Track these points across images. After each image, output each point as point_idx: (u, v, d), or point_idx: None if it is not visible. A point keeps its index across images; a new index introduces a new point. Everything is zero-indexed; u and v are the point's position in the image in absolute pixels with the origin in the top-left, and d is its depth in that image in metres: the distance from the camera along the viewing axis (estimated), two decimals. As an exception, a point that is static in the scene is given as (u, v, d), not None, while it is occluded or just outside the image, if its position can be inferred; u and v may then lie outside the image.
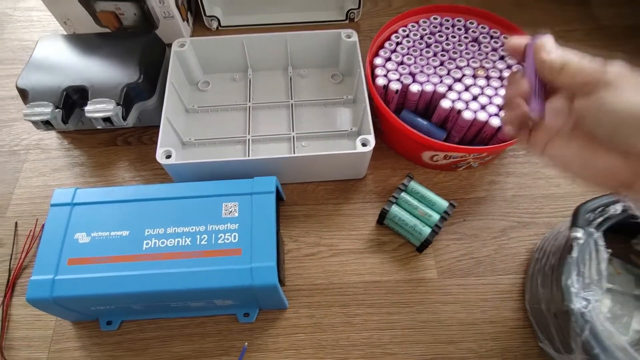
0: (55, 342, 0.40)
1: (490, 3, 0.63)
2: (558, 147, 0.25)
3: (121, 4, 0.51)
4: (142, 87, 0.46)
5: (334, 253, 0.44)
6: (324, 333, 0.40)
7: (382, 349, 0.39)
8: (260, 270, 0.35)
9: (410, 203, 0.42)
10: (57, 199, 0.39)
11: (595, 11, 0.61)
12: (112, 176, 0.49)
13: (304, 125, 0.50)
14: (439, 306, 0.41)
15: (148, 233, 0.37)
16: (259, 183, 0.40)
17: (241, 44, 0.51)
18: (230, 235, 0.37)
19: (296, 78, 0.54)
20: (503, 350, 0.39)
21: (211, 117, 0.51)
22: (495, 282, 0.42)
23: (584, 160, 0.24)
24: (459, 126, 0.44)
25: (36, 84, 0.45)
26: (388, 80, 0.46)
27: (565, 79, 0.24)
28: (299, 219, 0.46)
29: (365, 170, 0.47)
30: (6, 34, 0.61)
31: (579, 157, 0.24)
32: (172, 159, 0.42)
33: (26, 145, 0.51)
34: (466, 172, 0.48)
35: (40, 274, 0.35)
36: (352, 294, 0.42)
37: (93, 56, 0.47)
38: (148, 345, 0.39)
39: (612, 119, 0.22)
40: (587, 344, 0.32)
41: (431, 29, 0.49)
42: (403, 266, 0.43)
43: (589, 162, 0.24)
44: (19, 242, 0.45)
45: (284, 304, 0.40)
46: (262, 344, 0.39)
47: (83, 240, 0.37)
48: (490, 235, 0.45)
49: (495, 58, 0.47)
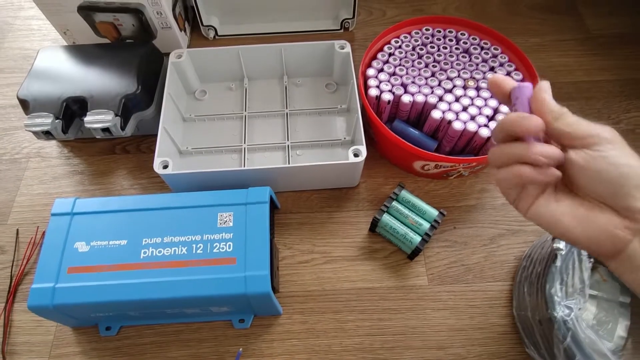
0: (55, 347, 0.41)
1: (483, 13, 0.64)
2: (545, 205, 0.25)
3: (120, 15, 0.52)
4: (140, 97, 0.47)
5: (327, 260, 0.45)
6: (317, 339, 0.41)
7: (374, 354, 0.40)
8: (254, 279, 0.36)
9: (401, 212, 0.44)
10: (58, 209, 0.40)
11: (586, 21, 0.62)
12: (111, 184, 0.50)
13: (298, 134, 0.51)
14: (429, 312, 0.42)
15: (145, 242, 0.38)
16: (254, 193, 0.41)
17: (237, 54, 0.52)
18: (225, 244, 0.38)
19: (291, 87, 0.55)
20: (491, 355, 0.40)
21: (208, 125, 0.52)
22: (484, 289, 0.43)
23: (577, 219, 0.24)
24: (449, 136, 0.45)
25: (37, 94, 0.46)
26: (380, 91, 0.47)
27: (562, 127, 0.23)
28: (293, 226, 0.47)
29: (358, 179, 0.49)
30: (7, 43, 0.62)
31: (571, 216, 0.24)
32: (169, 169, 0.43)
33: (27, 154, 0.52)
34: (457, 181, 0.49)
35: (41, 282, 0.36)
36: (344, 300, 0.43)
37: (92, 67, 0.48)
38: (146, 350, 0.40)
39: (616, 172, 0.22)
40: (569, 351, 0.33)
41: (423, 40, 0.50)
42: (394, 273, 0.44)
43: (584, 221, 0.23)
44: (20, 249, 0.46)
45: (278, 310, 0.41)
46: (256, 349, 0.40)
47: (82, 249, 0.38)
48: (480, 242, 0.46)
49: (485, 69, 0.48)
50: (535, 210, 0.25)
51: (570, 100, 0.55)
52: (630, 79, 0.57)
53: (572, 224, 0.24)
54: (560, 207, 0.24)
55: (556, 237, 0.26)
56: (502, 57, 0.49)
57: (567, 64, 0.58)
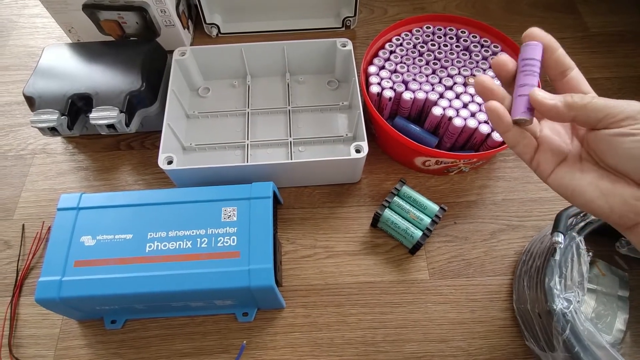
0: (61, 340, 0.41)
1: (483, 11, 0.65)
2: (569, 175, 0.25)
3: (124, 13, 0.53)
4: (144, 94, 0.47)
5: (329, 255, 0.45)
6: (320, 332, 0.41)
7: (375, 347, 0.41)
8: (258, 272, 0.37)
9: (402, 207, 0.44)
10: (64, 204, 0.41)
11: (585, 19, 0.63)
12: (115, 180, 0.51)
13: (301, 130, 0.52)
14: (430, 306, 0.43)
15: (151, 236, 0.39)
16: (257, 188, 0.41)
17: (240, 52, 0.53)
18: (229, 238, 0.39)
19: (294, 84, 0.56)
20: (491, 348, 0.41)
21: (211, 122, 0.53)
22: (484, 283, 0.44)
23: (601, 190, 0.24)
24: (450, 133, 0.46)
25: (42, 92, 0.46)
26: (382, 88, 0.47)
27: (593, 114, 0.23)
28: (295, 221, 0.47)
29: (360, 175, 0.49)
30: (12, 41, 0.63)
31: (595, 187, 0.24)
32: (173, 165, 0.43)
33: (32, 150, 0.53)
34: (458, 177, 0.50)
35: (48, 275, 0.37)
36: (346, 294, 0.43)
37: (97, 64, 0.49)
38: (150, 343, 0.41)
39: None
40: (568, 343, 0.33)
41: (424, 38, 0.51)
42: (396, 268, 0.45)
43: (608, 193, 0.24)
44: (26, 244, 0.46)
45: (281, 304, 0.42)
46: (260, 342, 0.41)
47: (89, 243, 0.39)
48: (480, 237, 0.46)
49: (485, 66, 0.48)
50: (559, 179, 0.25)
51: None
52: (629, 76, 0.57)
53: (596, 194, 0.24)
54: (586, 178, 0.24)
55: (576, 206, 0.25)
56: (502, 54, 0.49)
57: (567, 62, 0.58)
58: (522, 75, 0.25)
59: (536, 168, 0.26)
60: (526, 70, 0.25)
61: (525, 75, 0.25)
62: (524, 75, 0.25)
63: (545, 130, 0.27)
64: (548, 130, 0.27)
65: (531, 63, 0.25)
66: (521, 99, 0.25)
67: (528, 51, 0.25)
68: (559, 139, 0.27)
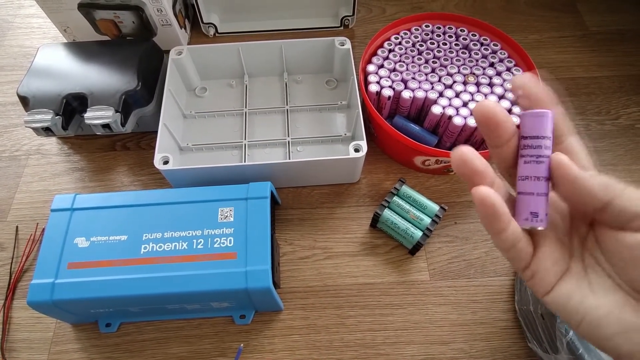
0: (55, 343, 0.40)
1: (482, 10, 0.64)
2: (577, 295, 0.18)
3: (120, 13, 0.52)
4: (140, 94, 0.47)
5: (328, 256, 0.45)
6: (318, 334, 0.41)
7: (375, 349, 0.40)
8: (255, 274, 0.36)
9: (402, 207, 0.44)
10: (57, 205, 0.40)
11: (585, 18, 0.63)
12: (111, 181, 0.50)
13: (299, 130, 0.51)
14: (430, 307, 0.42)
15: (146, 237, 0.38)
16: (254, 188, 0.41)
17: (237, 51, 0.52)
18: (226, 239, 0.38)
19: (291, 84, 0.55)
20: (493, 350, 0.40)
21: (208, 122, 0.52)
22: (485, 284, 0.43)
23: (622, 325, 0.17)
24: (449, 131, 0.45)
25: (37, 91, 0.46)
26: (380, 86, 0.47)
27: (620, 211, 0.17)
28: (294, 222, 0.47)
29: (359, 175, 0.48)
30: (7, 41, 0.62)
31: (616, 319, 0.17)
32: (169, 165, 0.43)
33: (27, 151, 0.52)
34: (458, 176, 0.49)
35: (41, 278, 0.36)
36: (345, 295, 0.43)
37: (92, 64, 0.48)
38: (146, 347, 0.40)
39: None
40: (571, 345, 0.33)
41: (423, 37, 0.51)
42: (396, 268, 0.44)
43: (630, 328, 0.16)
44: (20, 246, 0.46)
45: (279, 306, 0.41)
46: (257, 345, 0.40)
47: (82, 245, 0.38)
48: (481, 237, 0.46)
49: (485, 65, 0.48)
50: (564, 297, 0.18)
51: (571, 97, 0.55)
52: (629, 75, 0.57)
53: (616, 328, 0.17)
54: (599, 303, 0.17)
55: (583, 336, 0.18)
56: (501, 53, 0.49)
57: (566, 61, 0.58)
58: (524, 163, 0.18)
59: (530, 279, 0.19)
60: (529, 156, 0.18)
61: (527, 164, 0.18)
62: (526, 164, 0.18)
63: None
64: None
65: (537, 144, 0.18)
66: (529, 199, 0.18)
67: (532, 125, 0.18)
68: (560, 239, 0.19)
